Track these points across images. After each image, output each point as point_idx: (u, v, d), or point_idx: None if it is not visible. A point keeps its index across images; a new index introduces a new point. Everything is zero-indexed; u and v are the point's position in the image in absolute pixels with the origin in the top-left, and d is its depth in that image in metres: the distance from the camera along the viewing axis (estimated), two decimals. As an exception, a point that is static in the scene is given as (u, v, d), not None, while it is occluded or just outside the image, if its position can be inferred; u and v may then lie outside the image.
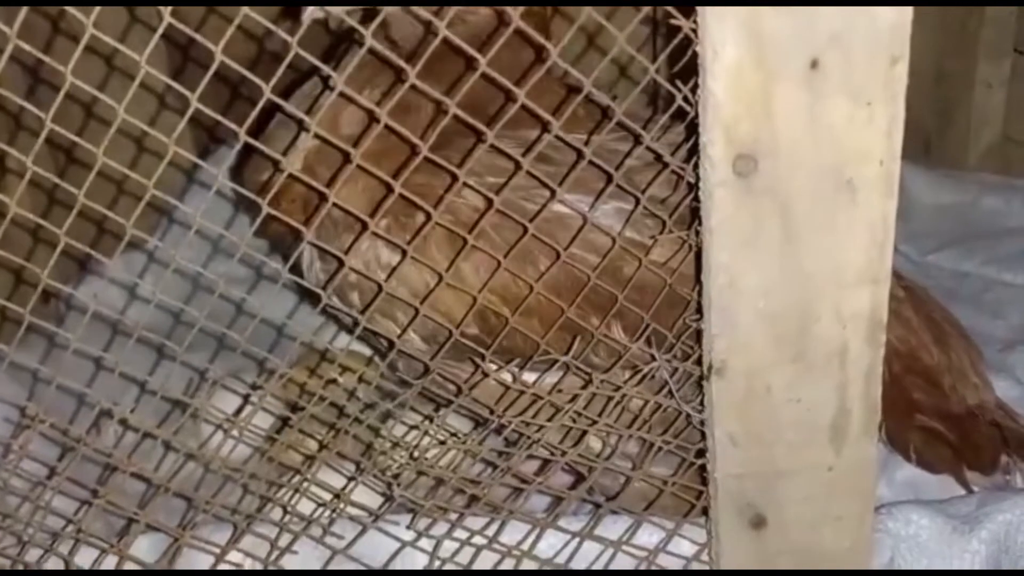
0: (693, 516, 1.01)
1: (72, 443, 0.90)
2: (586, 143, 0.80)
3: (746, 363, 0.85)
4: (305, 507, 0.97)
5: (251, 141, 0.71)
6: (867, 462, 0.91)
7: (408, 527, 0.97)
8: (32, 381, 1.08)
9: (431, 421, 0.95)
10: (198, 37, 0.66)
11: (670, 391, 0.93)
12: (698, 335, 0.87)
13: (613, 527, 1.00)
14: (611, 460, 0.98)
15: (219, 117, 0.70)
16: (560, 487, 1.00)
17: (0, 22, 0.63)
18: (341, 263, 0.83)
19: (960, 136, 1.67)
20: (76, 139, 0.69)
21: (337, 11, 0.78)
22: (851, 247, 0.79)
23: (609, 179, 0.83)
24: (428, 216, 0.80)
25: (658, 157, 0.83)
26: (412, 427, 0.97)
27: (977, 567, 0.97)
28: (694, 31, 0.71)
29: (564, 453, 0.95)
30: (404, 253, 0.84)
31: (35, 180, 0.68)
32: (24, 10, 0.63)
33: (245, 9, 0.64)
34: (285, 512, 0.97)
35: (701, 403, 0.91)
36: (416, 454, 0.94)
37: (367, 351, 1.18)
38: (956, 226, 1.57)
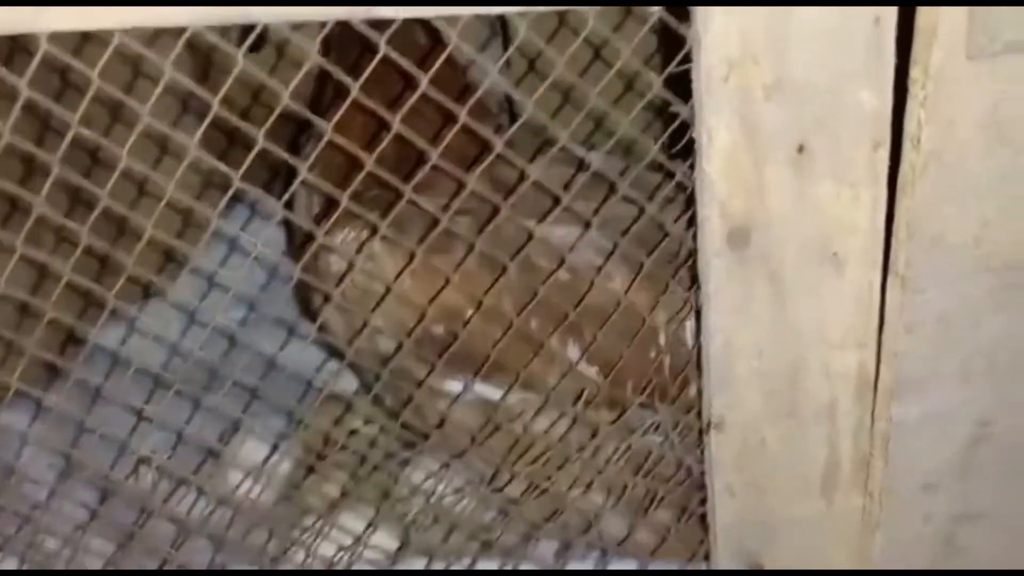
0: (696, 561, 1.07)
1: (110, 487, 0.96)
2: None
3: (742, 418, 0.91)
4: (327, 550, 1.03)
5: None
6: (857, 512, 0.97)
7: (424, 570, 1.02)
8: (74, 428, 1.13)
9: (447, 468, 1.01)
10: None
11: (671, 443, 0.99)
12: (698, 391, 0.93)
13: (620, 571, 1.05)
14: (616, 508, 1.04)
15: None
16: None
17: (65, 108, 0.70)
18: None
19: None
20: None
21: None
22: (838, 313, 0.85)
23: (557, 201, 0.88)
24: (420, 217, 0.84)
25: (658, 226, 0.90)
26: (429, 475, 1.03)
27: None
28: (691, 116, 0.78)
29: (571, 501, 1.01)
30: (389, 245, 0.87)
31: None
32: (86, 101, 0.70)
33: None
34: (307, 555, 1.03)
35: (701, 455, 0.97)
36: (432, 500, 1.00)
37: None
38: None
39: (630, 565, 1.06)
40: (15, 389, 0.84)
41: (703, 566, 1.06)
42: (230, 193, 0.77)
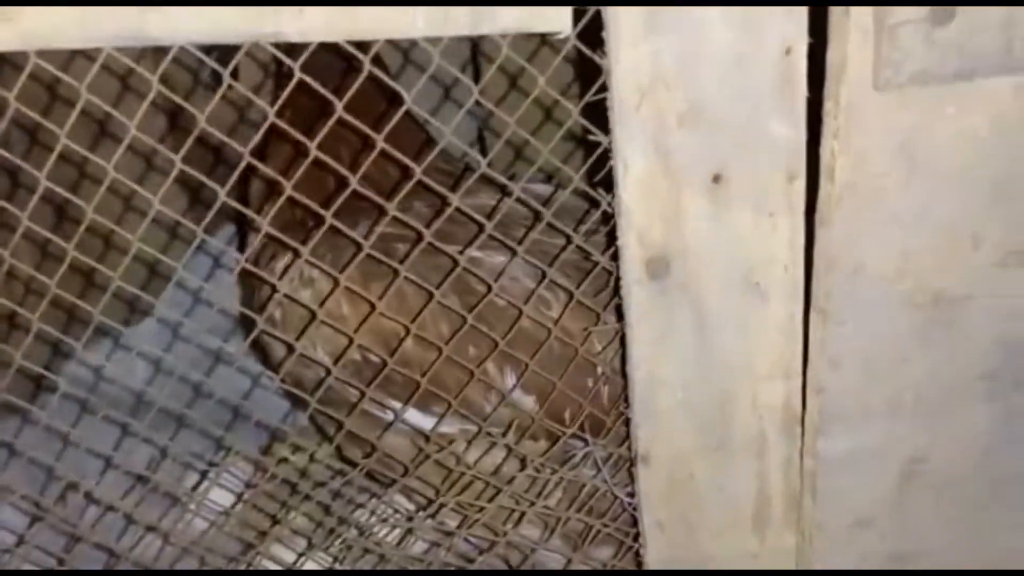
0: (633, 598, 1.05)
1: (40, 513, 0.95)
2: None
3: (669, 451, 0.90)
4: (259, 581, 1.02)
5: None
6: (790, 550, 0.95)
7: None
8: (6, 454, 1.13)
9: (378, 499, 1.00)
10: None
11: (603, 477, 0.98)
12: (628, 421, 0.92)
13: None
14: (551, 542, 1.02)
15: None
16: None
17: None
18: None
19: None
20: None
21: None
22: (762, 345, 0.85)
23: (481, 229, 0.88)
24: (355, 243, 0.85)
25: (587, 255, 0.90)
26: (359, 506, 1.02)
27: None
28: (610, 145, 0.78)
29: (505, 534, 1.00)
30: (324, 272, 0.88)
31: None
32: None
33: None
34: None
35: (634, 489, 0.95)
36: (364, 531, 0.99)
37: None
38: None
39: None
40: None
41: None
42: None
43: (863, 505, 0.93)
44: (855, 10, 0.70)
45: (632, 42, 0.72)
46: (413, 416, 1.00)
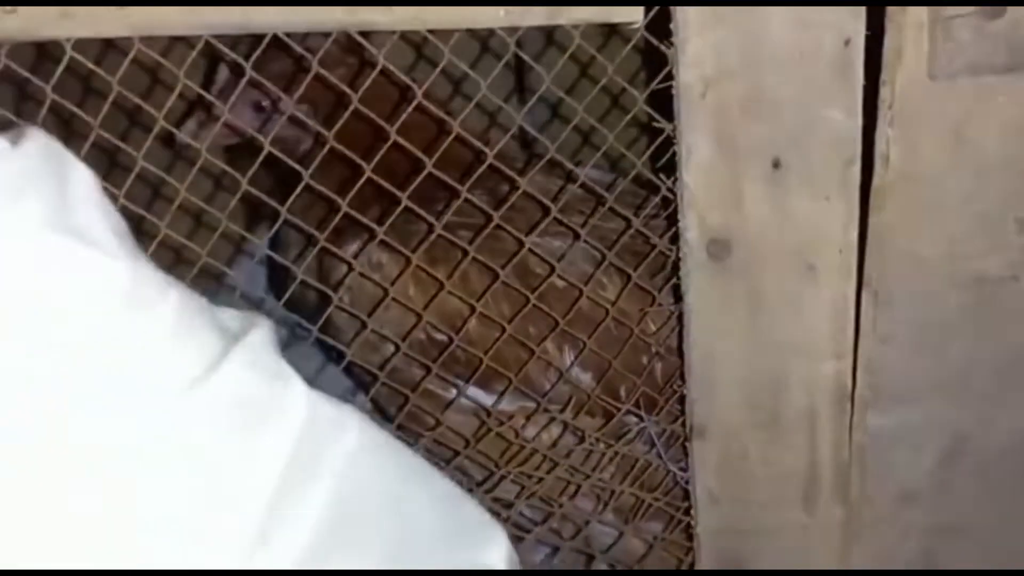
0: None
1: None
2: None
3: (724, 426, 0.94)
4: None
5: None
6: (837, 522, 0.99)
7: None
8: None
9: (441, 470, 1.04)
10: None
11: (658, 451, 1.02)
12: (682, 398, 0.96)
13: (606, 578, 1.08)
14: (604, 515, 1.07)
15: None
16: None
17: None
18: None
19: None
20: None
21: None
22: (815, 324, 0.89)
23: (545, 214, 0.93)
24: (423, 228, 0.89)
25: (646, 239, 0.94)
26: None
27: None
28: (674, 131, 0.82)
29: (560, 506, 1.04)
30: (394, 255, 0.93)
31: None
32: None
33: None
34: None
35: (687, 463, 1.00)
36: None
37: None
38: None
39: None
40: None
41: None
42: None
43: (909, 479, 0.97)
44: (911, 8, 0.74)
45: (698, 33, 0.76)
46: (475, 393, 1.05)
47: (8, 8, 0.69)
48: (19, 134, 0.54)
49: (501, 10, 0.73)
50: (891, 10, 0.75)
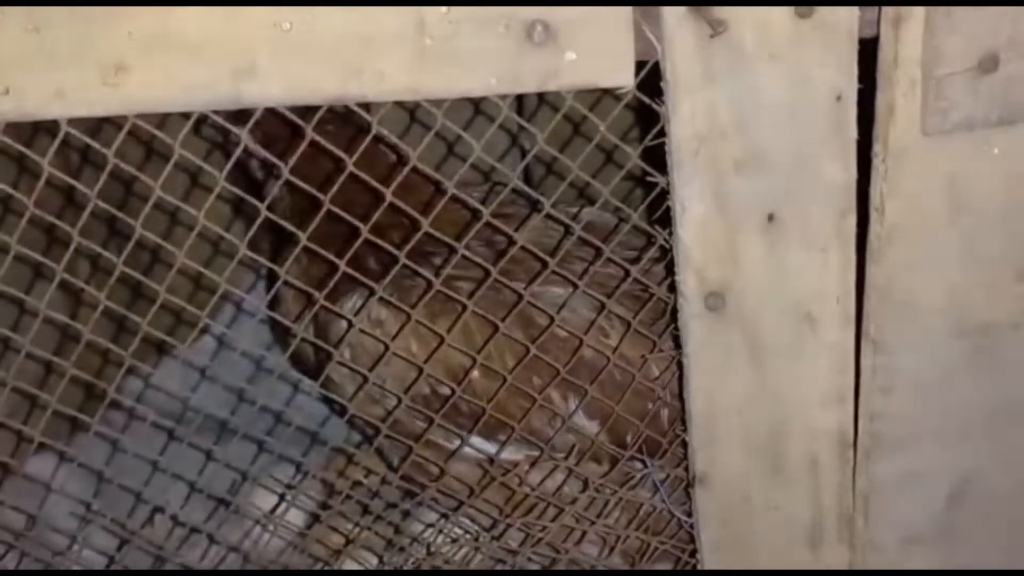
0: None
1: (128, 535, 1.01)
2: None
3: (726, 474, 0.94)
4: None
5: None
6: (843, 567, 0.99)
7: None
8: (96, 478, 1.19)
9: (446, 519, 1.05)
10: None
11: (662, 497, 1.02)
12: (685, 443, 0.96)
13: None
14: (610, 560, 1.07)
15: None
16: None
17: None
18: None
19: None
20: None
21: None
22: (815, 373, 0.89)
23: (544, 265, 0.93)
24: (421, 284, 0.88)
25: (644, 287, 0.94)
26: (428, 525, 1.07)
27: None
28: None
29: (566, 552, 1.04)
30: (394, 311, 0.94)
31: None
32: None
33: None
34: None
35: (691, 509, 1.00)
36: (432, 549, 1.04)
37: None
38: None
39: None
40: (39, 441, 0.89)
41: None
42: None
43: (914, 524, 0.96)
44: (903, 61, 0.74)
45: (690, 91, 0.76)
46: (480, 443, 1.05)
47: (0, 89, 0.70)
48: None
49: (492, 79, 0.73)
50: (883, 66, 0.75)
